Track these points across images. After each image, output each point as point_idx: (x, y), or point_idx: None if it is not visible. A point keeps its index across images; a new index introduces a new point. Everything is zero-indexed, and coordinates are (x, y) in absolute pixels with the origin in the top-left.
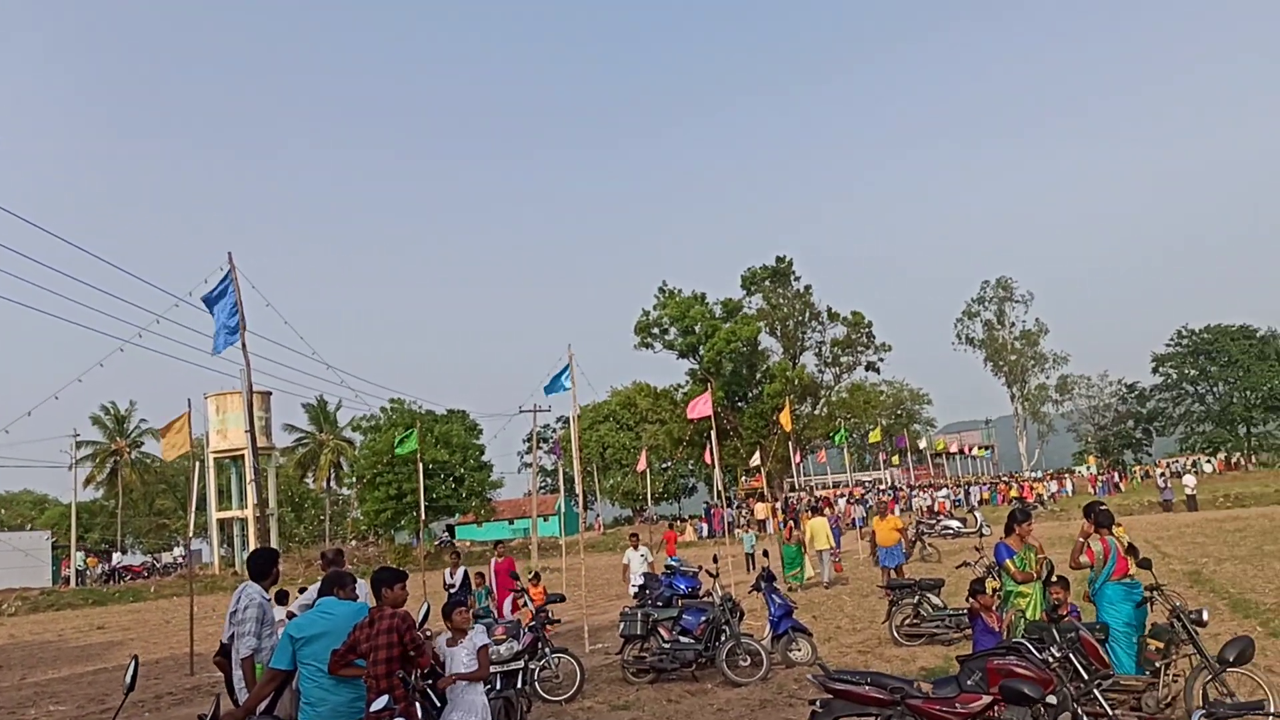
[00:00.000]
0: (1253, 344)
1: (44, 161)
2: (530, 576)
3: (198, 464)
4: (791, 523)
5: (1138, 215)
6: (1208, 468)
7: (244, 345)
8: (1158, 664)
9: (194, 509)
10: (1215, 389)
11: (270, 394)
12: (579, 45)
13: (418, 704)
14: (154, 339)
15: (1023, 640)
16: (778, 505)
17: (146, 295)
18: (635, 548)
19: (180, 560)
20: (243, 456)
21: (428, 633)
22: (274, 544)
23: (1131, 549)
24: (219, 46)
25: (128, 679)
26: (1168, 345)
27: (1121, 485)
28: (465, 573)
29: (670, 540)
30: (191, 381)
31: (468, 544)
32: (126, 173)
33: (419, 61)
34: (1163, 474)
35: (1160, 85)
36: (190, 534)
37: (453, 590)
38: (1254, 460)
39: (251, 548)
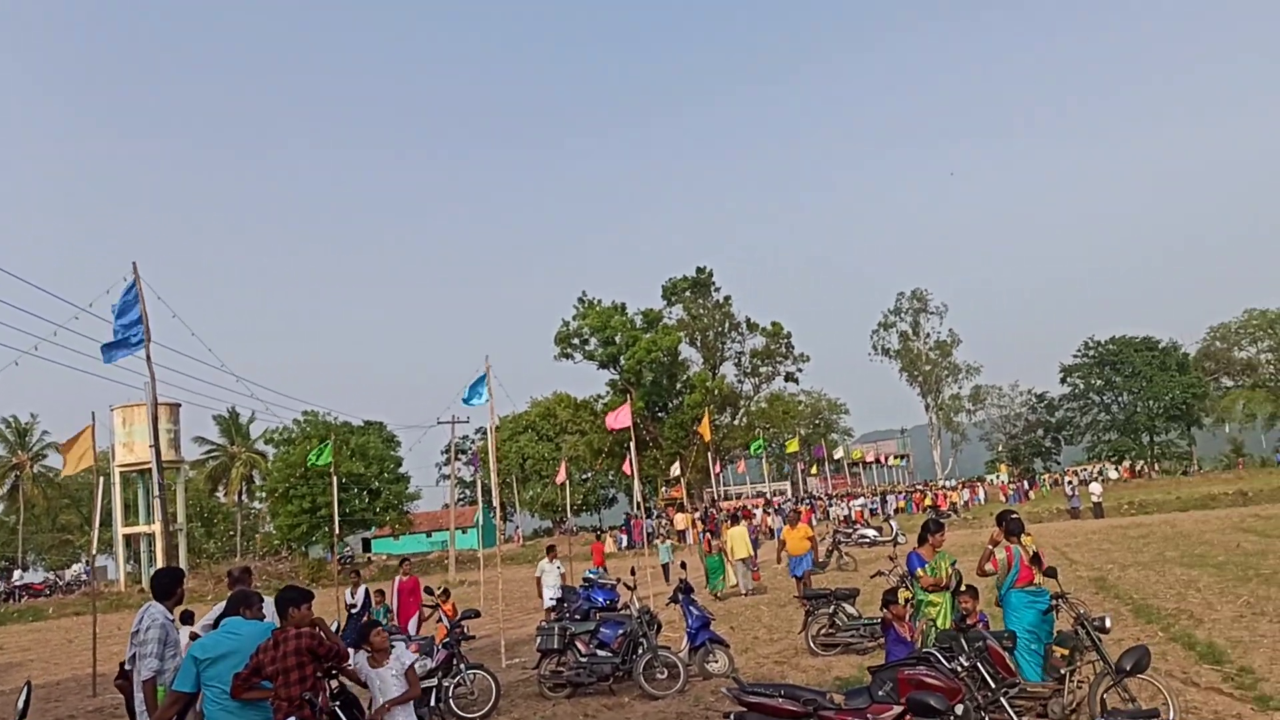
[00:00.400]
0: (1155, 355)
1: None
2: (439, 592)
3: (102, 478)
4: (710, 534)
5: (1047, 228)
6: (1114, 475)
7: (148, 357)
8: (1063, 671)
9: (98, 525)
10: (1120, 399)
11: (179, 406)
12: (504, 51)
13: None
14: (55, 350)
15: (932, 650)
16: (697, 516)
17: (47, 306)
18: (551, 560)
19: (83, 578)
20: (150, 470)
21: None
22: (183, 561)
23: (1036, 558)
24: (111, 34)
25: (20, 704)
26: (1075, 356)
27: (1031, 493)
28: (366, 591)
29: (598, 551)
30: (99, 394)
31: (384, 557)
32: (24, 175)
33: (341, 56)
34: (1070, 481)
35: (1076, 98)
36: (94, 550)
37: (354, 610)
38: (1157, 468)
39: (160, 564)
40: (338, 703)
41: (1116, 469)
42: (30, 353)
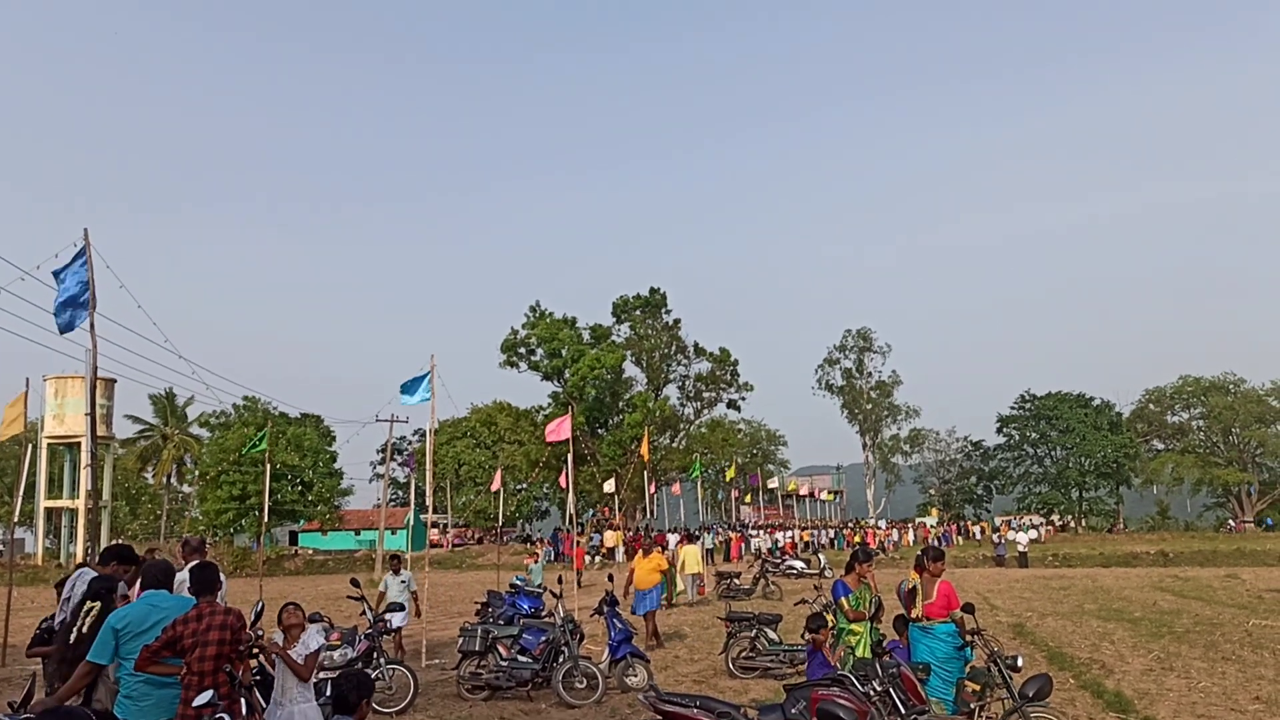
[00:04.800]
0: (1088, 413)
1: None
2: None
3: (29, 447)
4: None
5: (993, 278)
6: (1028, 536)
7: (92, 326)
8: (973, 705)
9: (21, 495)
10: (1053, 453)
11: (114, 381)
12: (481, 54)
13: (243, 700)
14: None
15: (848, 674)
16: (628, 534)
17: None
18: (396, 572)
19: (0, 548)
20: (79, 444)
21: (259, 632)
22: (104, 539)
23: (911, 592)
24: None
25: None
26: (1012, 408)
27: (955, 539)
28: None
29: (579, 556)
30: (28, 363)
31: (310, 552)
32: None
33: (294, 37)
34: (996, 532)
35: (1036, 154)
36: (15, 521)
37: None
38: (1084, 524)
39: (81, 540)
40: (257, 678)
41: (1038, 529)
42: None
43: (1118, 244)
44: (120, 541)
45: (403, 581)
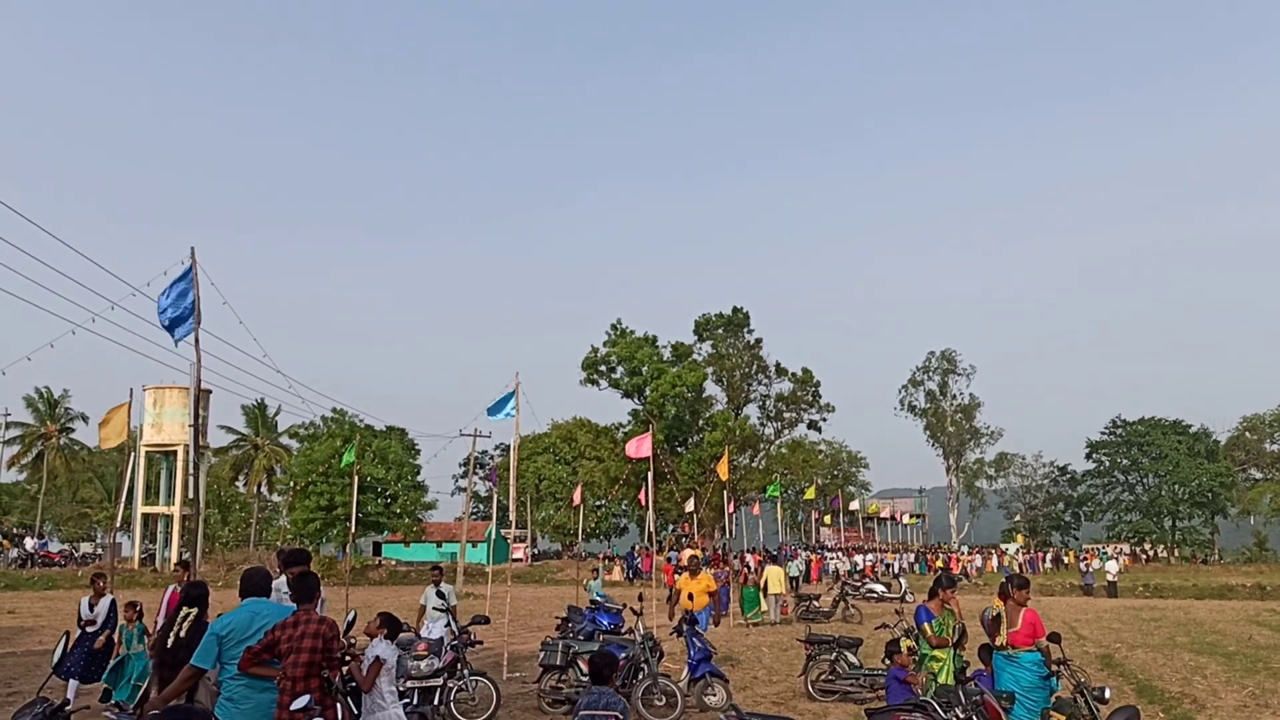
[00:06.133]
0: (1183, 440)
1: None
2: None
3: (130, 456)
4: (747, 568)
5: (1080, 300)
6: (1113, 566)
7: (196, 341)
8: None
9: (125, 501)
10: (1145, 480)
11: (210, 392)
12: (564, 76)
13: (338, 706)
14: (105, 326)
15: (930, 700)
16: (705, 553)
17: (98, 281)
18: (436, 584)
19: (99, 552)
20: (175, 452)
21: (351, 641)
22: (199, 545)
23: (996, 619)
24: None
25: (56, 654)
26: (1103, 433)
27: (1041, 566)
28: (113, 603)
29: (668, 572)
30: (125, 374)
31: (393, 563)
32: (89, 151)
33: (391, 69)
34: (1085, 561)
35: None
36: (116, 526)
37: (92, 629)
38: (1176, 553)
39: (175, 546)
40: (352, 684)
41: (1116, 559)
42: (86, 326)
43: (1215, 265)
44: (293, 546)
45: (441, 595)
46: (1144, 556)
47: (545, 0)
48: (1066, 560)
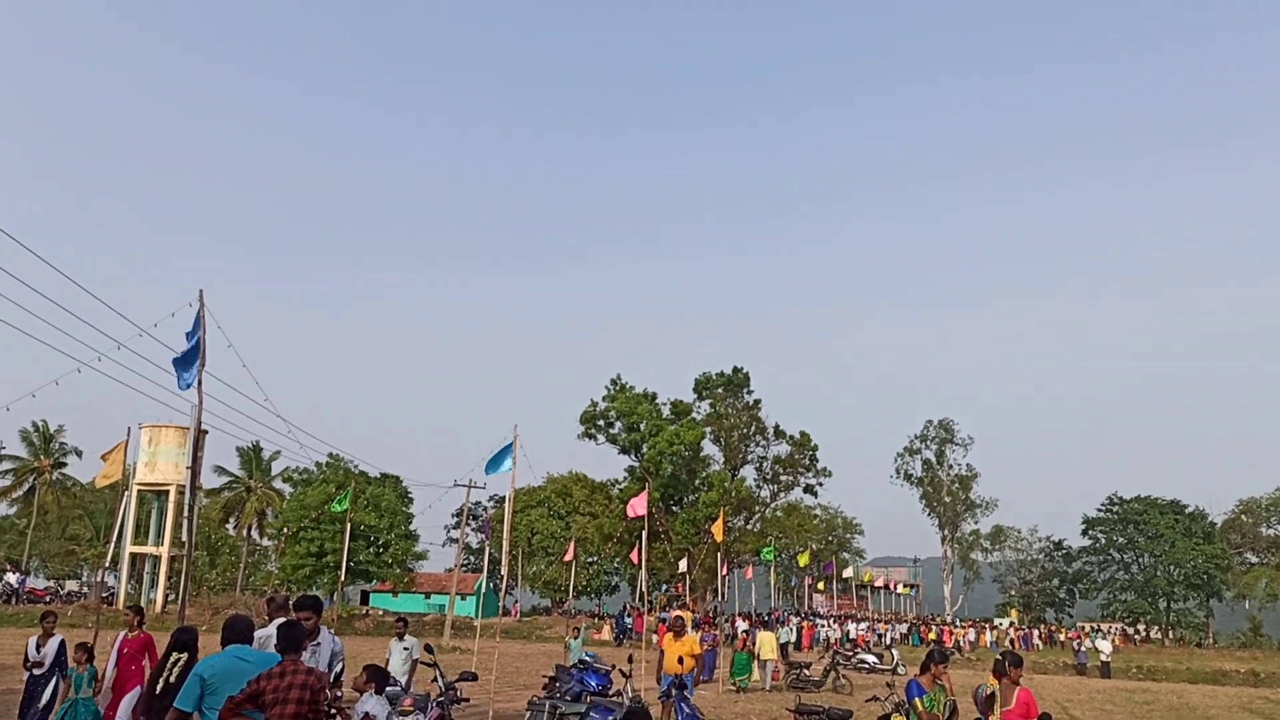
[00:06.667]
0: (1179, 520)
1: (15, 167)
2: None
3: (124, 495)
4: (746, 634)
5: (1077, 375)
6: (1105, 646)
7: (199, 384)
8: None
9: (115, 539)
10: (1140, 559)
11: (206, 433)
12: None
13: None
14: (110, 365)
15: None
16: (696, 615)
17: (103, 320)
18: (400, 637)
19: (85, 590)
20: (167, 492)
21: (339, 694)
22: (184, 586)
23: (990, 698)
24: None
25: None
26: (1099, 510)
27: (1035, 643)
28: (62, 644)
29: (661, 633)
30: (120, 410)
31: (381, 612)
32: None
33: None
34: (1076, 639)
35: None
36: (106, 564)
37: (39, 670)
38: (1171, 635)
39: (162, 587)
40: None
41: (1107, 638)
42: (92, 365)
43: (1214, 346)
44: (277, 595)
45: (406, 649)
46: (1136, 637)
47: (523, 73)
48: (1060, 638)
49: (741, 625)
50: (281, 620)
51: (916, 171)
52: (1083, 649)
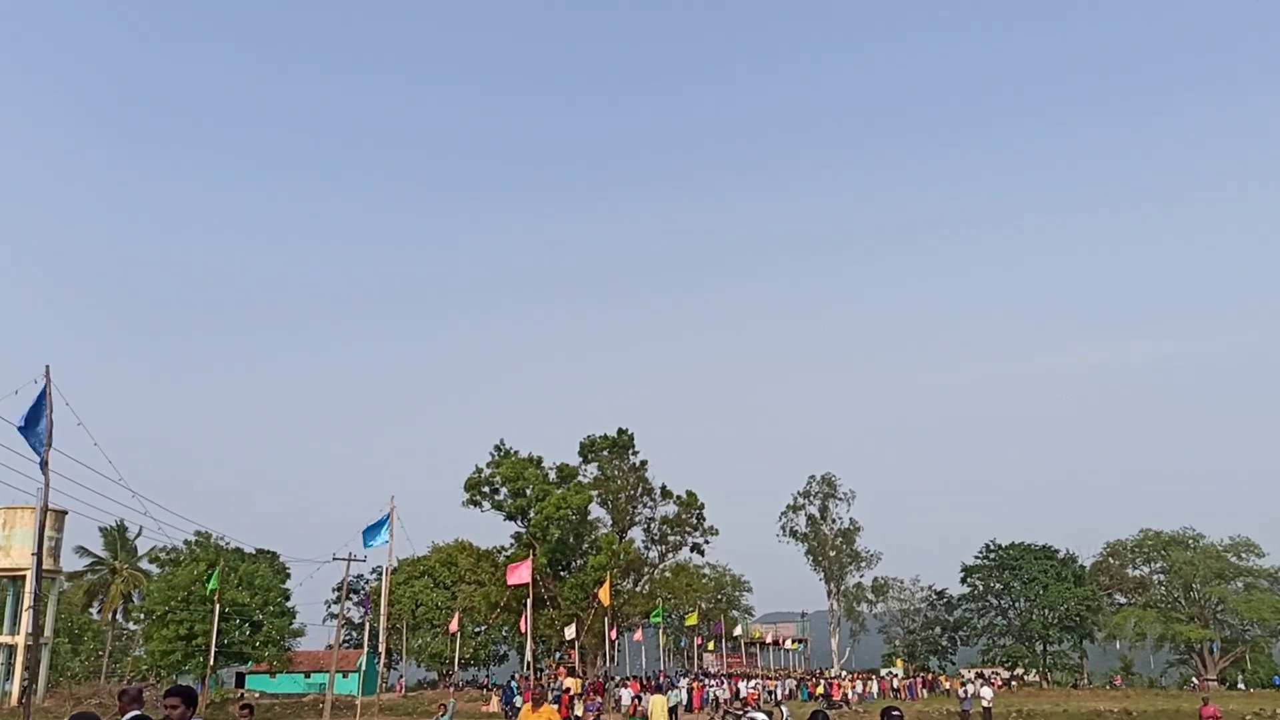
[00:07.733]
0: (1052, 564)
1: None
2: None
3: None
4: (637, 700)
5: (953, 425)
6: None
7: (45, 464)
8: None
9: None
10: (1017, 604)
11: (66, 513)
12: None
13: None
14: None
15: None
16: (587, 681)
17: None
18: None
19: None
20: (23, 577)
21: None
22: (43, 678)
23: None
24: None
25: None
26: (977, 557)
27: (920, 692)
28: None
29: (565, 701)
30: None
31: (256, 695)
32: None
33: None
34: (963, 685)
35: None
36: None
37: None
38: (1049, 678)
39: (18, 677)
40: None
41: (991, 684)
42: None
43: (1082, 393)
44: (131, 688)
45: None
46: (1014, 682)
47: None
48: (945, 686)
49: (629, 692)
50: (134, 714)
51: (787, 247)
52: (968, 696)
